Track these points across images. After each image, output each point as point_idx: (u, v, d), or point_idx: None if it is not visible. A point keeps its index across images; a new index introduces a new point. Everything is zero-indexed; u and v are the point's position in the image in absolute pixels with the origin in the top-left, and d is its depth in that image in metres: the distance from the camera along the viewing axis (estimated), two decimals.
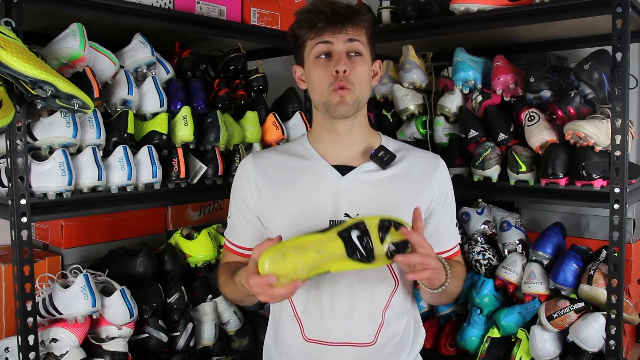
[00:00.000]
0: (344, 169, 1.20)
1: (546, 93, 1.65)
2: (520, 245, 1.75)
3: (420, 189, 1.21)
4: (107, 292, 1.46)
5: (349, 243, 1.00)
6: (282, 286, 0.98)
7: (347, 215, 1.15)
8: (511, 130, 1.70)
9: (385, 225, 1.01)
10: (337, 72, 1.14)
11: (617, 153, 1.42)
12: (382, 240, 1.00)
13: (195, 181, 1.59)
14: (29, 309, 1.26)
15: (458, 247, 1.30)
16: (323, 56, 1.16)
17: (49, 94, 1.16)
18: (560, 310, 1.53)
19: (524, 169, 1.59)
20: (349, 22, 1.15)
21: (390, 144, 1.27)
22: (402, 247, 1.01)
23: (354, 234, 1.00)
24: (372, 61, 1.22)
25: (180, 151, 1.53)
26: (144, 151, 1.47)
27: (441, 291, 1.13)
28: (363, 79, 1.17)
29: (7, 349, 1.40)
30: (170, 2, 1.56)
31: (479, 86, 1.78)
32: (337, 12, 1.14)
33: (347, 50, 1.15)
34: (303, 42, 1.19)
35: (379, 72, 1.26)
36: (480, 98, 1.76)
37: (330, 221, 1.15)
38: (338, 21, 1.14)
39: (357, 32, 1.17)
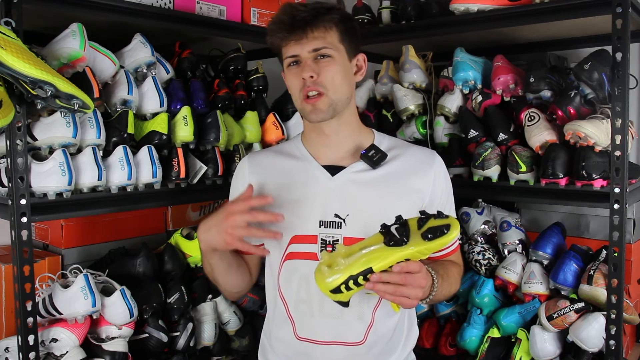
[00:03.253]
0: (334, 169, 1.21)
1: (546, 93, 1.65)
2: (520, 245, 1.75)
3: (412, 188, 1.21)
4: (107, 292, 1.46)
5: (387, 235, 1.01)
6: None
7: (336, 215, 1.16)
8: (511, 130, 1.70)
9: (424, 217, 1.01)
10: (304, 78, 1.15)
11: (617, 153, 1.42)
12: (419, 227, 1.00)
13: (195, 181, 1.59)
14: (29, 309, 1.26)
15: (456, 244, 1.30)
16: (293, 64, 1.18)
17: (49, 94, 1.15)
18: (560, 310, 1.53)
19: (524, 169, 1.59)
20: (310, 27, 1.14)
21: (383, 141, 1.26)
22: (438, 230, 0.99)
23: (393, 227, 1.02)
24: (350, 57, 1.21)
25: (180, 151, 1.53)
26: (144, 151, 1.47)
27: (427, 300, 1.13)
28: (336, 80, 1.16)
29: (7, 349, 1.40)
30: (170, 2, 1.56)
31: (479, 86, 1.78)
32: (296, 18, 1.14)
33: (313, 56, 1.15)
34: (279, 50, 1.21)
35: (364, 65, 1.25)
36: (480, 98, 1.76)
37: (320, 221, 1.16)
38: (299, 27, 1.14)
39: (323, 34, 1.15)
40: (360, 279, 0.98)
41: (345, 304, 1.04)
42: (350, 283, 0.99)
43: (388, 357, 1.22)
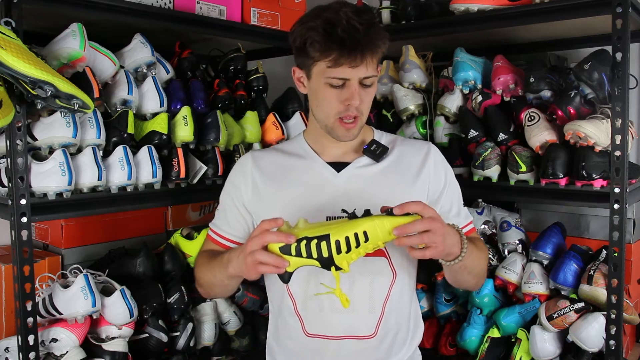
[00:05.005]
0: (339, 165, 1.22)
1: (546, 93, 1.65)
2: (520, 245, 1.75)
3: (415, 178, 1.22)
4: (107, 292, 1.46)
5: (350, 214, 1.00)
6: (277, 234, 0.97)
7: (344, 210, 1.16)
8: (511, 130, 1.70)
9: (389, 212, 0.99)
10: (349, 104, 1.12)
11: (617, 153, 1.42)
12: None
13: (195, 181, 1.59)
14: (29, 309, 1.26)
15: (471, 226, 1.28)
16: (336, 86, 1.12)
17: (49, 94, 1.15)
18: (560, 310, 1.53)
19: (524, 169, 1.59)
20: (370, 53, 1.09)
21: (382, 137, 1.28)
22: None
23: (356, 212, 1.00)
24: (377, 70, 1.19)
25: (180, 151, 1.53)
26: (144, 151, 1.47)
27: (460, 265, 1.07)
28: (370, 104, 1.18)
29: (7, 349, 1.40)
30: (170, 2, 1.56)
31: (479, 86, 1.78)
32: (356, 40, 1.06)
33: (361, 82, 1.12)
34: (312, 59, 1.12)
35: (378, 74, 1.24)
36: (480, 98, 1.76)
37: (327, 217, 1.16)
38: (357, 50, 1.07)
39: (374, 59, 1.11)
40: (313, 244, 0.95)
41: (285, 278, 1.00)
42: (302, 246, 0.95)
43: (397, 350, 1.22)
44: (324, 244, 0.96)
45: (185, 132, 1.56)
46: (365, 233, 0.96)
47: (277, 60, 2.04)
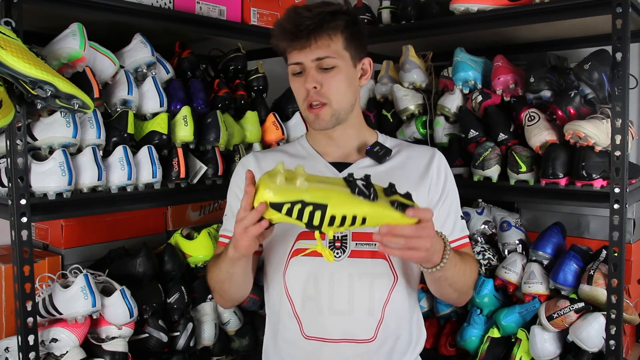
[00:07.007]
0: (341, 166, 1.22)
1: (546, 93, 1.65)
2: (520, 245, 1.75)
3: (417, 182, 1.21)
4: (107, 292, 1.46)
5: (353, 185, 0.93)
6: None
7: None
8: (511, 130, 1.70)
9: (392, 189, 0.94)
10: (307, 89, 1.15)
11: (617, 153, 1.42)
12: (386, 195, 0.93)
13: (195, 181, 1.59)
14: (29, 309, 1.26)
15: (465, 241, 1.26)
16: (297, 74, 1.18)
17: (49, 94, 1.15)
18: (560, 310, 1.53)
19: (524, 169, 1.59)
20: (314, 35, 1.13)
21: (387, 141, 1.29)
22: (404, 206, 0.92)
23: (359, 182, 0.93)
24: (355, 62, 1.20)
25: (180, 151, 1.53)
26: (144, 151, 1.47)
27: (439, 275, 1.07)
28: (340, 91, 1.16)
29: (7, 349, 1.40)
30: (170, 2, 1.56)
31: (479, 86, 1.78)
32: (300, 26, 1.12)
33: (316, 65, 1.15)
34: (284, 54, 1.21)
35: (369, 70, 1.24)
36: (480, 98, 1.76)
37: None
38: (302, 36, 1.13)
39: (327, 42, 1.14)
40: (307, 210, 0.89)
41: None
42: (296, 209, 0.89)
43: (398, 357, 1.21)
44: (318, 213, 0.90)
45: (185, 132, 1.56)
46: (364, 219, 0.91)
47: (277, 60, 2.02)
